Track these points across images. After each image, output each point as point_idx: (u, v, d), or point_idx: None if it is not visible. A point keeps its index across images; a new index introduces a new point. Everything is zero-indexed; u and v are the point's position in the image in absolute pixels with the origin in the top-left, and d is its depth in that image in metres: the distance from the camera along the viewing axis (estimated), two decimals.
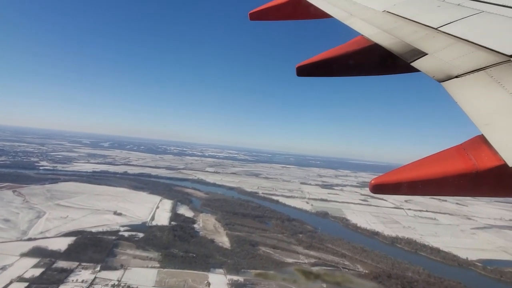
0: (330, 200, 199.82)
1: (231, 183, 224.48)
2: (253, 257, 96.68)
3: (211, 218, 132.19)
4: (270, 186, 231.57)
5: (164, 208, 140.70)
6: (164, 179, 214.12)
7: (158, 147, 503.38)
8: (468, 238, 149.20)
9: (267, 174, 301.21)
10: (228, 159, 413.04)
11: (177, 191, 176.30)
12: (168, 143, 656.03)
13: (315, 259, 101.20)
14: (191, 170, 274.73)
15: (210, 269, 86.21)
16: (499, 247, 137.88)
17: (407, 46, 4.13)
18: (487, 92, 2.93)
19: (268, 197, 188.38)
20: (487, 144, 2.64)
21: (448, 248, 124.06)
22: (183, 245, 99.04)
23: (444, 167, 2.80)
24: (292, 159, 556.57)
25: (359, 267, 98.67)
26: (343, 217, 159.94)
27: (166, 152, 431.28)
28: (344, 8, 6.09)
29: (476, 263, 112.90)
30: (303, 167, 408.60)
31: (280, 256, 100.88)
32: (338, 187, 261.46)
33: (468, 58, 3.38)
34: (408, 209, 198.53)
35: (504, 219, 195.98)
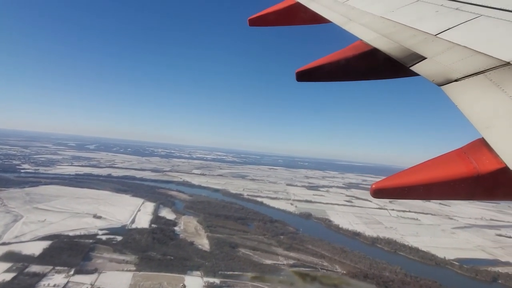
0: (315, 202, 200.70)
1: (216, 185, 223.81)
2: (231, 259, 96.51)
3: (193, 220, 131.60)
4: (255, 187, 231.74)
5: (146, 210, 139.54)
6: (148, 181, 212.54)
7: (146, 149, 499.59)
8: (448, 237, 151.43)
9: (254, 175, 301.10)
10: (215, 161, 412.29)
11: (161, 194, 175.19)
12: (156, 145, 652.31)
13: (294, 260, 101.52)
14: (177, 172, 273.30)
15: (187, 272, 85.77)
16: (477, 246, 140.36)
17: (406, 50, 4.16)
18: (487, 95, 2.94)
19: (252, 199, 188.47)
20: (488, 147, 2.61)
21: (427, 248, 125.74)
22: (161, 248, 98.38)
23: (445, 171, 2.79)
24: (281, 160, 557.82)
25: (338, 267, 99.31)
26: (326, 218, 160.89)
27: (153, 154, 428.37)
28: (343, 13, 6.11)
29: (453, 262, 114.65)
30: (291, 168, 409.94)
31: (259, 257, 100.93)
32: (324, 188, 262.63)
33: (467, 62, 3.41)
34: (392, 210, 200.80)
35: (485, 219, 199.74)
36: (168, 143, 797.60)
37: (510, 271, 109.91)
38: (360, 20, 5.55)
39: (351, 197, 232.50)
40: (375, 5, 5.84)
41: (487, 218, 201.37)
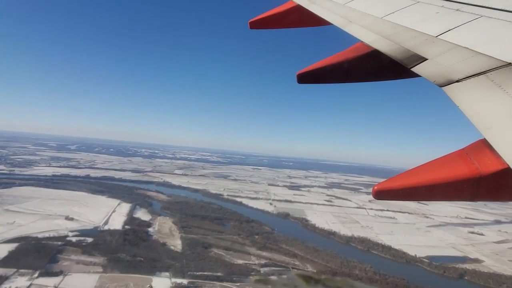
0: (295, 201, 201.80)
1: (197, 185, 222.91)
2: (203, 259, 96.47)
3: (168, 221, 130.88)
4: (237, 188, 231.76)
5: (121, 212, 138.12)
6: (127, 182, 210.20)
7: (129, 149, 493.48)
8: (422, 235, 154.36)
9: (237, 176, 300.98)
10: (199, 161, 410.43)
11: (139, 194, 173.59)
12: (140, 145, 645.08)
13: (266, 260, 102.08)
14: (159, 172, 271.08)
15: (155, 273, 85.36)
16: (449, 244, 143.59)
17: (407, 52, 4.16)
18: (488, 96, 2.94)
19: (232, 199, 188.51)
20: (490, 148, 2.60)
21: (400, 246, 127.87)
22: (132, 249, 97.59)
23: (447, 172, 2.78)
24: (266, 160, 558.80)
25: (309, 266, 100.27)
26: (304, 217, 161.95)
27: (136, 154, 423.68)
28: (344, 15, 6.10)
29: (423, 259, 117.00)
30: (275, 168, 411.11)
31: (231, 257, 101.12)
32: (306, 188, 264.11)
33: (468, 63, 3.41)
34: (370, 209, 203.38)
35: (460, 217, 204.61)
36: (153, 143, 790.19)
37: (477, 268, 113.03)
38: (360, 21, 5.59)
39: (332, 196, 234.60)
40: (376, 6, 5.89)
41: (462, 216, 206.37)
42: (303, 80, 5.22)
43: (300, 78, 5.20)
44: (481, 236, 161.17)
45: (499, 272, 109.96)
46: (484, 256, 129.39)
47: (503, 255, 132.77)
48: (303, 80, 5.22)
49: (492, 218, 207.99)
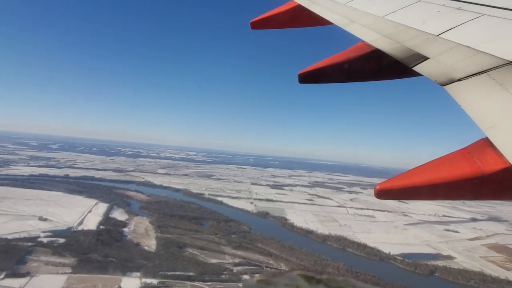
0: (276, 200, 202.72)
1: (179, 184, 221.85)
2: (176, 259, 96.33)
3: (145, 221, 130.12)
4: (219, 187, 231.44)
5: (98, 212, 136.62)
6: (107, 181, 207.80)
7: (112, 148, 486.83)
8: (399, 233, 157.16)
9: (220, 175, 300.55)
10: (184, 161, 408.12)
11: (118, 194, 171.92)
12: (125, 144, 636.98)
13: (240, 259, 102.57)
14: (141, 172, 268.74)
15: (126, 273, 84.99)
16: (424, 241, 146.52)
17: (408, 51, 4.14)
18: (490, 94, 2.93)
19: (213, 198, 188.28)
20: (492, 147, 2.58)
21: (375, 244, 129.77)
22: (104, 250, 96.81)
23: (450, 171, 2.76)
24: (252, 160, 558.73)
25: (282, 265, 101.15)
26: (283, 216, 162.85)
27: (120, 154, 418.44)
28: (345, 15, 6.07)
29: (397, 257, 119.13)
30: (260, 167, 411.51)
31: (205, 257, 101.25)
32: (289, 187, 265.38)
33: (470, 61, 3.40)
34: (350, 208, 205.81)
35: (438, 215, 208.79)
36: (138, 143, 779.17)
37: (448, 264, 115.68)
38: (361, 21, 5.57)
39: (313, 195, 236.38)
40: (377, 6, 5.89)
41: (440, 215, 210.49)
42: (304, 80, 5.28)
43: (301, 78, 5.26)
44: (456, 233, 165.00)
45: (469, 269, 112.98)
46: (457, 253, 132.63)
47: (474, 252, 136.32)
48: (304, 80, 5.28)
49: (469, 216, 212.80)
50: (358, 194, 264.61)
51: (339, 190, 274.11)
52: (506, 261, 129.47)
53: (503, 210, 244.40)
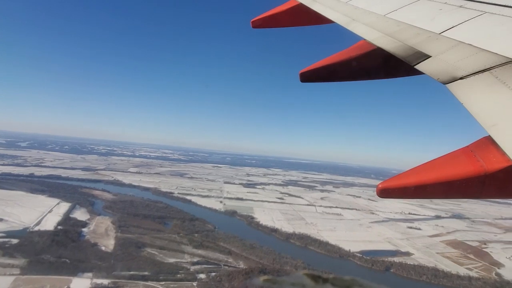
0: (246, 199, 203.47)
1: (149, 183, 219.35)
2: (132, 259, 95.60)
3: (107, 220, 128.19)
4: (190, 186, 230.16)
5: (58, 211, 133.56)
6: (74, 180, 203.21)
7: (85, 146, 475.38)
8: (362, 231, 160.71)
9: (194, 173, 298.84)
10: (159, 159, 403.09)
11: (83, 194, 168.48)
12: (99, 142, 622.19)
13: (199, 258, 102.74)
14: (111, 171, 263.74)
15: (77, 274, 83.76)
16: (386, 238, 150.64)
17: (410, 49, 4.09)
18: (492, 93, 2.91)
19: (182, 197, 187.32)
20: (495, 145, 2.57)
21: (338, 242, 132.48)
22: (58, 251, 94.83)
23: (452, 170, 2.75)
24: (229, 158, 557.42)
25: (241, 263, 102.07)
26: (250, 215, 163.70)
27: (92, 152, 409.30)
28: (346, 13, 6.01)
29: (356, 254, 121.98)
30: (236, 166, 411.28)
31: (163, 256, 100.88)
32: (261, 186, 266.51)
33: (472, 59, 3.37)
34: (319, 206, 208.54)
35: (404, 213, 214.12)
36: (113, 141, 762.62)
37: (404, 261, 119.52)
38: (363, 19, 5.53)
39: (285, 194, 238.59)
40: (378, 4, 5.87)
41: (406, 212, 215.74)
42: (306, 79, 5.31)
43: (303, 77, 5.28)
44: (418, 230, 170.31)
45: (423, 264, 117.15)
46: (415, 249, 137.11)
47: (432, 248, 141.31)
48: (306, 78, 5.31)
49: (434, 214, 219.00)
50: (330, 192, 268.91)
51: (312, 189, 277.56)
52: (460, 256, 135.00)
53: (467, 207, 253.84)
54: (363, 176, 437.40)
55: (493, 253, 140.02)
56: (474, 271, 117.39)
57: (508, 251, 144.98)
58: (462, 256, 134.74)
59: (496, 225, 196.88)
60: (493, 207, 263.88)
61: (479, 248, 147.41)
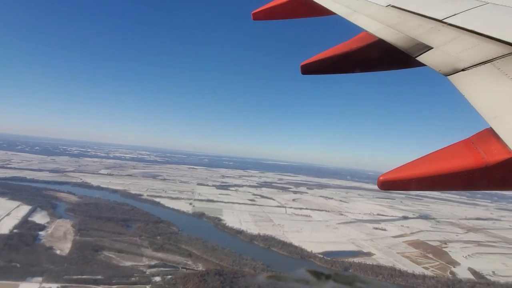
0: (217, 201, 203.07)
1: (118, 185, 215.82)
2: (87, 262, 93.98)
3: (67, 224, 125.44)
4: (161, 188, 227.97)
5: (17, 215, 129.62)
6: (39, 183, 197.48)
7: (57, 147, 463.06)
8: (328, 232, 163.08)
9: (168, 175, 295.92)
10: (134, 161, 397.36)
11: (46, 196, 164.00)
12: (73, 143, 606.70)
13: (157, 260, 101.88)
14: (81, 172, 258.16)
15: (26, 278, 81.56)
16: (350, 239, 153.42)
17: (412, 41, 4.03)
18: (494, 84, 2.89)
19: (150, 199, 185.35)
20: (496, 137, 2.57)
21: (301, 243, 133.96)
22: (9, 255, 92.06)
23: (453, 162, 2.73)
24: (206, 160, 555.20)
25: (200, 265, 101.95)
26: (218, 217, 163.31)
27: (64, 153, 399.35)
28: (347, 5, 5.94)
29: (318, 255, 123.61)
30: (213, 168, 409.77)
31: (120, 260, 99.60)
32: (235, 187, 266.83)
33: (474, 51, 3.30)
34: (290, 208, 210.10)
35: (372, 214, 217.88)
36: (88, 141, 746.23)
37: (364, 261, 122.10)
38: (364, 11, 5.49)
39: (257, 195, 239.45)
40: None
41: (375, 213, 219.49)
42: (307, 71, 5.30)
43: (304, 69, 5.26)
44: (383, 231, 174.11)
45: (382, 264, 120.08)
46: (377, 250, 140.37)
47: (394, 249, 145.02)
48: (307, 71, 5.29)
49: (401, 214, 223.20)
50: (302, 194, 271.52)
51: (285, 190, 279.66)
52: (419, 256, 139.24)
53: (434, 208, 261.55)
54: (339, 177, 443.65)
55: (452, 253, 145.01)
56: (430, 270, 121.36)
57: (466, 250, 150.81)
58: (421, 256, 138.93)
59: (459, 225, 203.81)
60: (460, 207, 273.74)
61: (439, 247, 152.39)
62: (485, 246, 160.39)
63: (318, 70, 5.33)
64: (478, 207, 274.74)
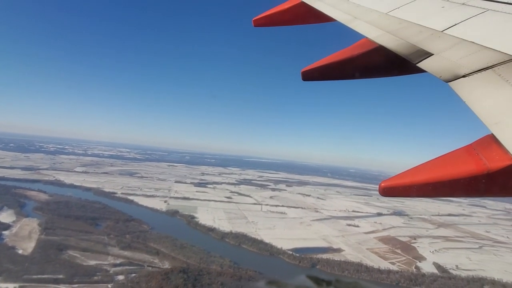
0: (193, 198, 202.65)
1: (93, 183, 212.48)
2: (49, 262, 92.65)
3: (34, 223, 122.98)
4: (137, 185, 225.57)
5: None
6: (9, 180, 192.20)
7: (33, 144, 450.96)
8: (301, 229, 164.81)
9: (146, 173, 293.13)
10: (112, 158, 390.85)
11: (15, 194, 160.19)
12: (51, 140, 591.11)
13: (123, 259, 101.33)
14: (55, 170, 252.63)
15: None
16: (322, 236, 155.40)
17: (412, 47, 4.02)
18: (495, 90, 2.88)
19: (124, 197, 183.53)
20: (498, 143, 2.57)
21: (272, 240, 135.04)
22: None
23: (455, 168, 2.73)
24: (188, 157, 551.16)
25: (167, 263, 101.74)
26: (192, 215, 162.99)
27: (40, 150, 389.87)
28: (348, 11, 5.97)
29: (287, 251, 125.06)
30: (193, 165, 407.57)
31: (85, 259, 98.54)
32: (213, 185, 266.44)
33: (475, 57, 3.29)
34: (266, 205, 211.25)
35: (348, 211, 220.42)
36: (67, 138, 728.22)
37: (332, 257, 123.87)
38: (365, 17, 5.49)
39: (235, 193, 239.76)
40: (380, 2, 5.78)
41: (350, 210, 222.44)
42: (308, 77, 5.28)
43: (305, 75, 5.24)
44: (356, 227, 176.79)
45: (349, 260, 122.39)
46: (347, 246, 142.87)
47: (364, 245, 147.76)
48: (308, 77, 5.27)
49: (376, 211, 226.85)
50: (281, 191, 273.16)
51: (264, 188, 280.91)
52: (388, 251, 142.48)
53: (410, 205, 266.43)
54: (320, 175, 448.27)
55: (420, 248, 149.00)
56: (396, 265, 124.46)
57: (434, 245, 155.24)
58: (390, 251, 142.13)
59: (431, 221, 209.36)
60: (433, 204, 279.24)
61: (408, 243, 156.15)
62: (453, 241, 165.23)
63: (319, 77, 5.41)
64: (452, 204, 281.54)
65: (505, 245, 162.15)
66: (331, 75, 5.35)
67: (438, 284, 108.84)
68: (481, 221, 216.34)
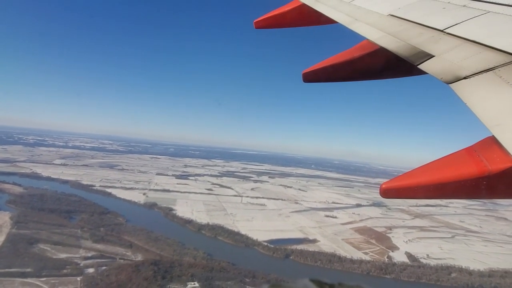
0: (173, 191, 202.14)
1: (70, 176, 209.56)
2: (18, 255, 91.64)
3: (5, 216, 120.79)
4: (117, 178, 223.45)
5: None
6: None
7: (12, 136, 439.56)
8: (279, 221, 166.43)
9: (127, 165, 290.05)
10: (93, 150, 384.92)
11: None
12: (30, 131, 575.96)
13: (95, 252, 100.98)
14: (33, 162, 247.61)
15: None
16: (299, 227, 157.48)
17: (413, 49, 4.02)
18: (496, 92, 2.87)
19: (102, 190, 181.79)
20: (499, 145, 2.56)
21: (249, 231, 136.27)
22: None
23: (456, 170, 2.73)
24: (172, 149, 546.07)
25: (140, 256, 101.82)
26: (170, 207, 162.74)
27: (18, 142, 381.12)
28: (349, 13, 5.96)
29: (262, 243, 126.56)
30: (176, 157, 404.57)
31: (55, 252, 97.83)
32: (195, 177, 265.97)
33: (476, 59, 3.30)
34: (247, 197, 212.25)
35: (327, 202, 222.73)
36: (47, 130, 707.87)
37: (306, 248, 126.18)
38: (366, 19, 5.47)
39: (216, 185, 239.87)
40: (381, 3, 5.77)
41: (330, 201, 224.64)
42: (309, 79, 5.29)
43: (306, 77, 5.26)
44: (334, 219, 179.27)
45: (323, 250, 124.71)
46: (323, 237, 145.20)
47: (340, 235, 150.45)
48: (309, 79, 5.29)
49: (355, 202, 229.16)
50: (263, 183, 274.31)
51: (246, 179, 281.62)
52: (363, 242, 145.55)
53: None
54: (303, 166, 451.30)
55: (394, 238, 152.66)
56: (369, 255, 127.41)
57: (408, 235, 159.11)
58: (364, 242, 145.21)
59: (408, 212, 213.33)
60: None
61: (384, 233, 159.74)
62: (427, 231, 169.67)
63: (320, 78, 5.46)
64: None
65: (477, 235, 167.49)
66: (332, 77, 5.46)
67: (407, 272, 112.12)
68: (457, 211, 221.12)
